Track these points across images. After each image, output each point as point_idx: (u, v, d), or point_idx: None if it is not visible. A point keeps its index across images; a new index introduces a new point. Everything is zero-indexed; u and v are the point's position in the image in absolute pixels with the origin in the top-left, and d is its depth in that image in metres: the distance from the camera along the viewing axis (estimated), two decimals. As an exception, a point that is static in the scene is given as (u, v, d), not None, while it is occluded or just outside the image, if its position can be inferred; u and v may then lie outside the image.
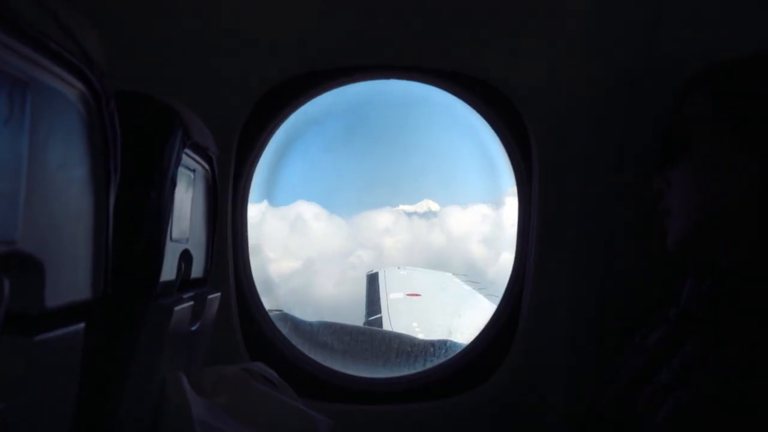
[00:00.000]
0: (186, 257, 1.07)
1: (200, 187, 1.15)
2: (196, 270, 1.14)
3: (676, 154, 1.12)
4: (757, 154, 1.01)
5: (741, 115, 1.04)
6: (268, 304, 1.78)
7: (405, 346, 2.01)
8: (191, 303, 1.05)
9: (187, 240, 1.06)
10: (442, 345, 1.94)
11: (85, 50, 0.57)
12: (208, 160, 1.17)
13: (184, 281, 1.07)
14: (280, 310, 2.05)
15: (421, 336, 2.16)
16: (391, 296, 5.38)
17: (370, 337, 2.14)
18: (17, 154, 0.48)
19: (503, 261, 1.89)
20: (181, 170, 0.96)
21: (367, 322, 4.71)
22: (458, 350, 1.80)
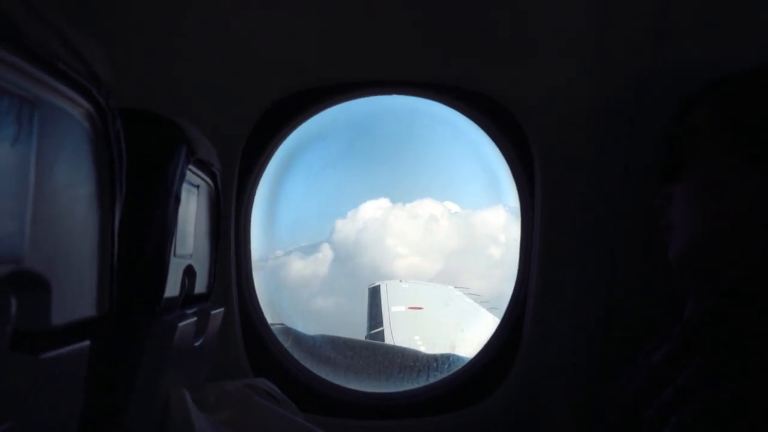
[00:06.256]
0: (189, 273, 1.07)
1: (204, 202, 1.15)
2: (200, 285, 1.14)
3: (678, 168, 1.12)
4: (759, 170, 1.01)
5: (742, 131, 1.04)
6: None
7: (408, 361, 1.99)
8: (194, 319, 1.05)
9: (191, 256, 1.07)
10: (446, 359, 1.93)
11: (92, 69, 0.57)
12: (212, 176, 1.18)
13: (187, 297, 1.07)
14: (282, 324, 2.04)
15: (423, 350, 2.15)
16: (393, 309, 5.35)
17: (373, 352, 2.13)
18: (24, 172, 0.48)
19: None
20: (185, 186, 0.96)
21: (369, 336, 4.69)
22: (462, 365, 1.79)
